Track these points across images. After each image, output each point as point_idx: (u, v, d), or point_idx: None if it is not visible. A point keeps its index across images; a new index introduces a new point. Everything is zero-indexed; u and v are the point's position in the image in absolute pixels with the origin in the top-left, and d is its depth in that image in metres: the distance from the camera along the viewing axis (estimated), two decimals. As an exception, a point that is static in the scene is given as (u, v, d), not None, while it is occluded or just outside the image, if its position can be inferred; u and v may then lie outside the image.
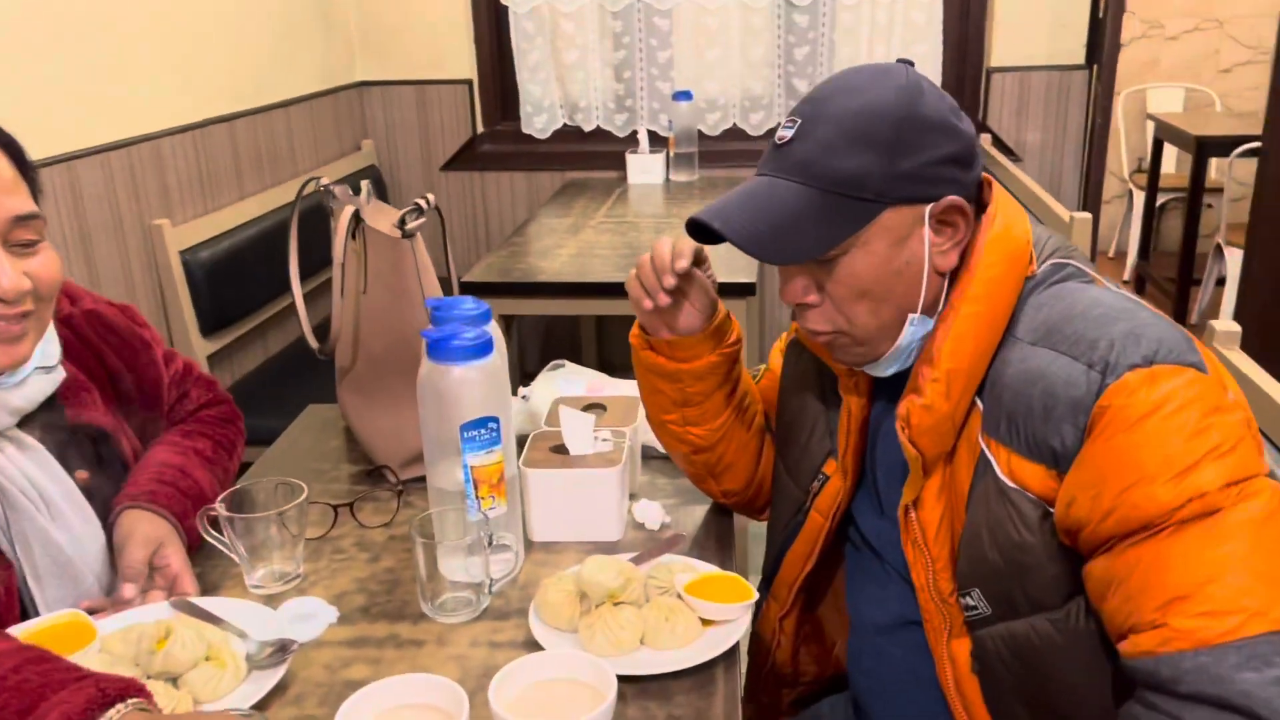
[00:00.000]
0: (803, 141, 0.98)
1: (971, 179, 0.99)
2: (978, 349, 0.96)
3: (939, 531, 1.01)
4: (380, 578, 1.21)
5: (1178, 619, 0.82)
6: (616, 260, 2.49)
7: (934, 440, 0.98)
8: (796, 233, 0.96)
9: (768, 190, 0.99)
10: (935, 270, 0.99)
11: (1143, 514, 0.85)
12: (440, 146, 3.66)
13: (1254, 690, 0.78)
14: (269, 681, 1.00)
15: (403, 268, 1.32)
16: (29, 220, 1.07)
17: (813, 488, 1.16)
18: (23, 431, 1.13)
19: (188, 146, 2.57)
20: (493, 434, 1.13)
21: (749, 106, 3.53)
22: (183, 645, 0.99)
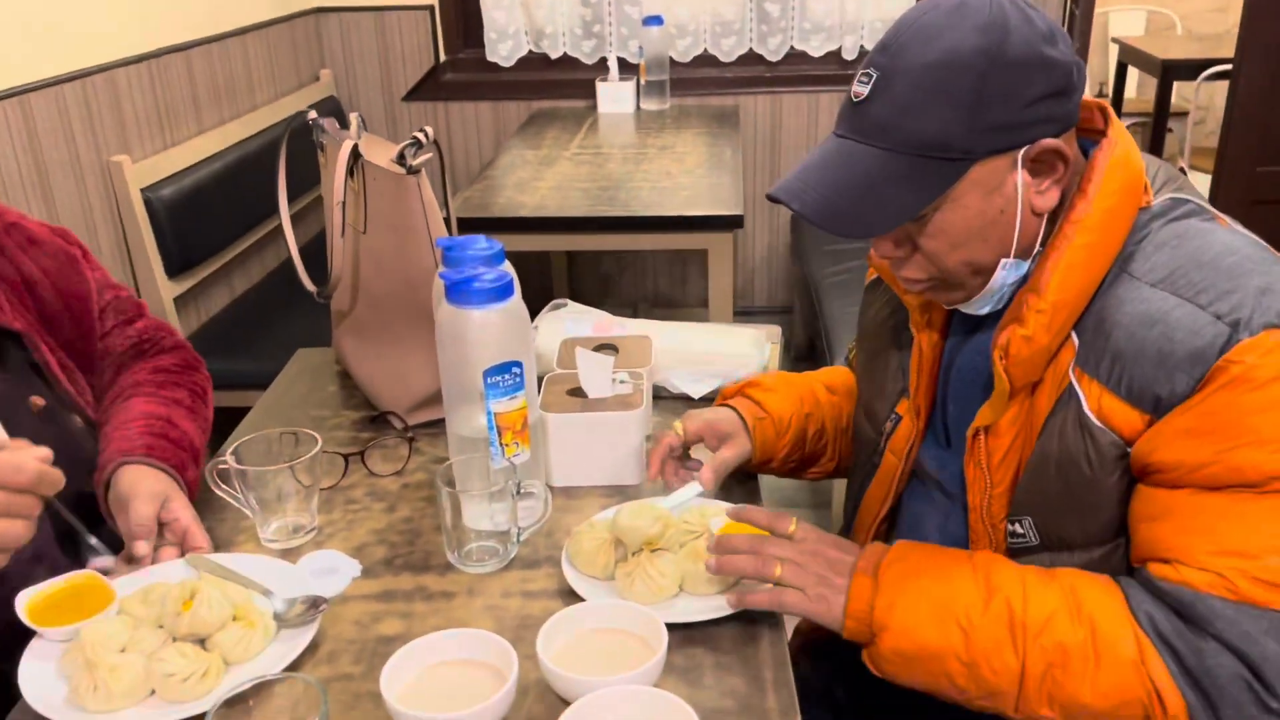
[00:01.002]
0: (879, 100, 0.91)
1: (1070, 107, 0.93)
2: (1087, 281, 0.93)
3: (1005, 457, 0.99)
4: (399, 528, 1.17)
5: (1232, 572, 0.85)
6: (597, 193, 2.43)
7: (1027, 370, 0.95)
8: (879, 203, 0.91)
9: (845, 158, 0.93)
10: (1032, 212, 0.95)
11: (1240, 476, 0.85)
12: (402, 76, 3.54)
13: (1272, 657, 0.83)
14: (302, 640, 0.96)
15: (407, 206, 1.26)
16: None
17: (885, 428, 1.15)
18: None
19: (144, 78, 2.45)
20: (516, 379, 1.09)
21: (720, 32, 3.45)
22: (209, 606, 0.95)
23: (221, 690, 0.89)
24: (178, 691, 0.90)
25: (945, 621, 0.91)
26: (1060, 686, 0.88)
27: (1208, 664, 0.84)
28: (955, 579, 0.93)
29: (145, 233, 2.38)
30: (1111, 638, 0.87)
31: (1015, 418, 0.99)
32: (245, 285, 2.92)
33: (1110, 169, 0.93)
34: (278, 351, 2.05)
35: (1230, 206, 3.38)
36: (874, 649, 0.94)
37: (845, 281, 2.80)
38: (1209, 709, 0.84)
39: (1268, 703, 0.83)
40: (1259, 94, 3.16)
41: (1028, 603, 0.90)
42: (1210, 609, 0.85)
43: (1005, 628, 0.89)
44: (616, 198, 2.39)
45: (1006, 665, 0.89)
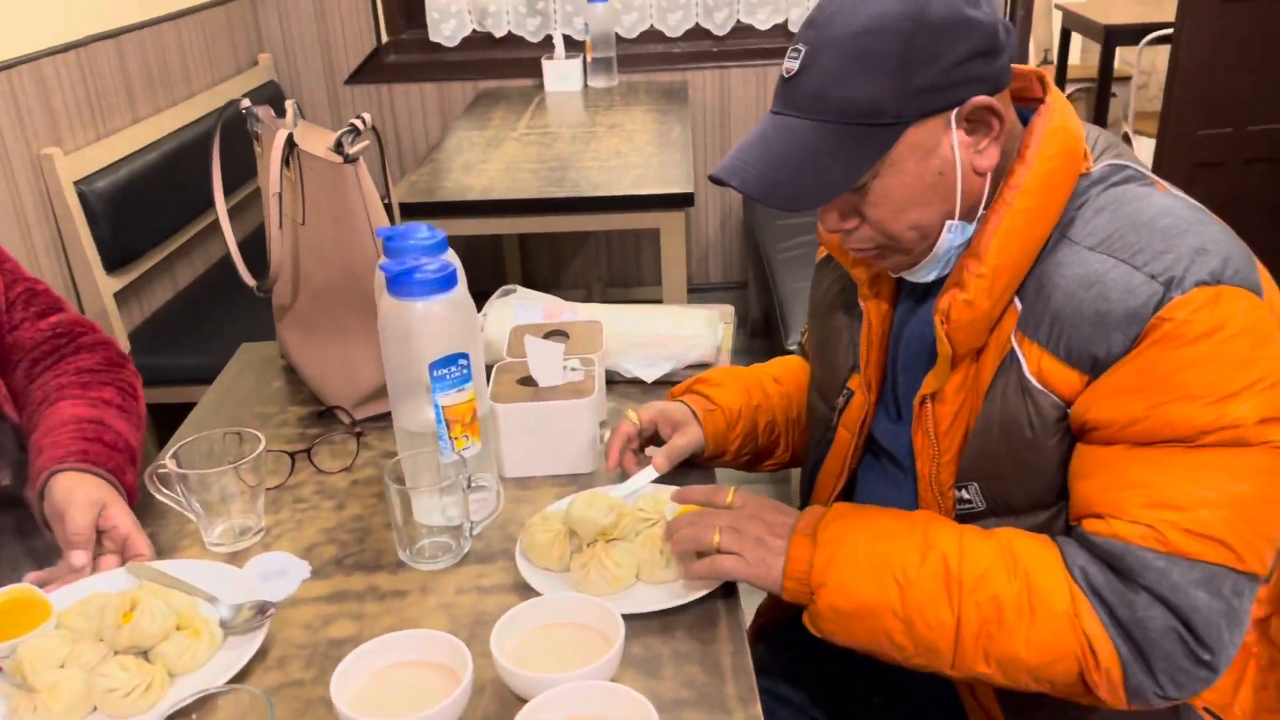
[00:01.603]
0: (809, 73, 0.92)
1: (999, 67, 0.94)
2: (1027, 246, 0.94)
3: (952, 424, 1.00)
4: (349, 526, 1.15)
5: (1162, 524, 0.86)
6: (546, 174, 2.40)
7: (969, 335, 0.96)
8: (817, 175, 0.92)
9: (782, 132, 0.94)
10: (974, 171, 0.95)
11: (1171, 430, 0.86)
12: (343, 59, 3.46)
13: (1202, 609, 0.85)
14: (249, 647, 0.94)
15: (345, 195, 1.23)
16: None
17: (838, 404, 1.15)
18: None
19: (72, 67, 2.37)
20: (464, 371, 1.07)
21: (666, 6, 3.41)
22: (151, 617, 0.92)
23: (166, 704, 0.86)
24: (120, 707, 0.87)
25: (882, 577, 0.91)
26: (995, 640, 0.88)
27: (1139, 615, 0.85)
28: (893, 536, 0.94)
29: (80, 227, 2.31)
30: (1046, 591, 0.88)
31: (961, 384, 0.99)
32: (189, 278, 2.86)
33: (1048, 135, 0.94)
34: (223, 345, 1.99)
35: (1174, 170, 3.42)
36: (812, 608, 0.94)
37: (799, 256, 2.80)
38: (1141, 660, 0.85)
39: (1198, 654, 0.85)
40: (1200, 58, 3.20)
41: (964, 558, 0.90)
42: (1141, 561, 0.86)
43: (941, 583, 0.90)
44: (566, 178, 2.36)
45: (941, 620, 0.89)
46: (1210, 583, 0.85)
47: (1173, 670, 0.85)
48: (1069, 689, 0.89)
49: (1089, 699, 0.89)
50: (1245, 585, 0.86)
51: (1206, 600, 0.84)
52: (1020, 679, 0.90)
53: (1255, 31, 3.16)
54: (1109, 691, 0.87)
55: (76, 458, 1.10)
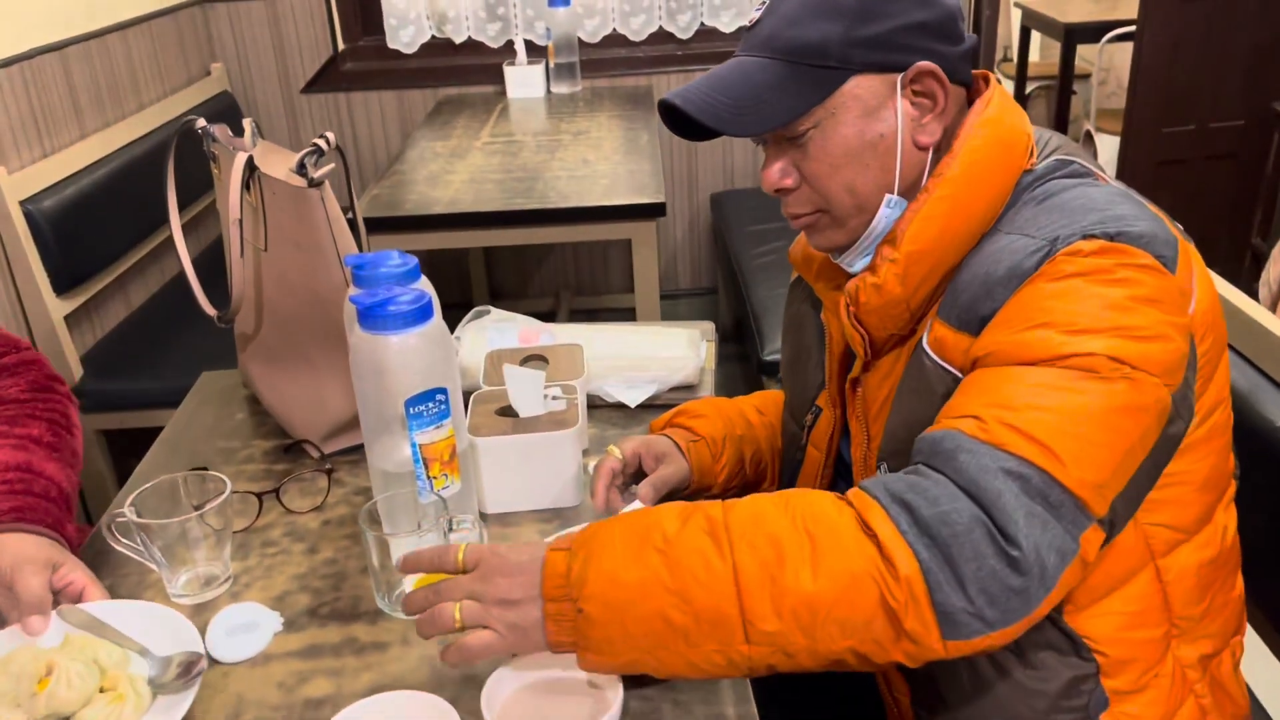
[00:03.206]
0: (768, 19, 0.97)
1: (952, 53, 0.96)
2: (947, 234, 0.93)
3: (880, 410, 0.99)
4: (322, 572, 1.08)
5: (990, 419, 0.81)
6: (513, 185, 2.34)
7: (881, 322, 0.97)
8: (758, 103, 0.94)
9: (732, 68, 0.97)
10: (915, 145, 0.96)
11: (1027, 351, 0.83)
12: (299, 67, 3.38)
13: (1005, 495, 0.77)
14: (179, 709, 0.86)
15: (310, 219, 1.17)
16: None
17: (807, 421, 1.14)
18: None
19: (15, 81, 2.27)
20: (441, 406, 1.01)
21: (629, 11, 3.36)
22: (68, 683, 0.85)
23: None
24: None
25: (643, 552, 0.81)
26: (780, 583, 0.78)
27: (943, 509, 0.77)
28: (651, 515, 0.85)
29: (28, 248, 2.22)
30: (823, 516, 0.81)
31: (888, 372, 0.99)
32: (143, 297, 2.76)
33: (979, 125, 0.95)
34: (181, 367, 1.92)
35: (1138, 167, 3.43)
36: (581, 624, 0.81)
37: (771, 263, 2.76)
38: (946, 565, 0.76)
39: (1005, 549, 0.76)
40: (1162, 55, 3.20)
41: (729, 510, 0.83)
42: (955, 442, 0.81)
43: (706, 535, 0.81)
44: (534, 189, 2.30)
45: (716, 574, 0.79)
46: (1021, 476, 0.78)
47: (981, 574, 0.76)
48: (874, 633, 0.78)
49: (899, 649, 0.78)
50: (1067, 503, 0.78)
51: (1015, 491, 0.77)
52: (826, 635, 0.78)
53: (1216, 28, 3.17)
54: (916, 618, 0.76)
55: (12, 517, 1.02)
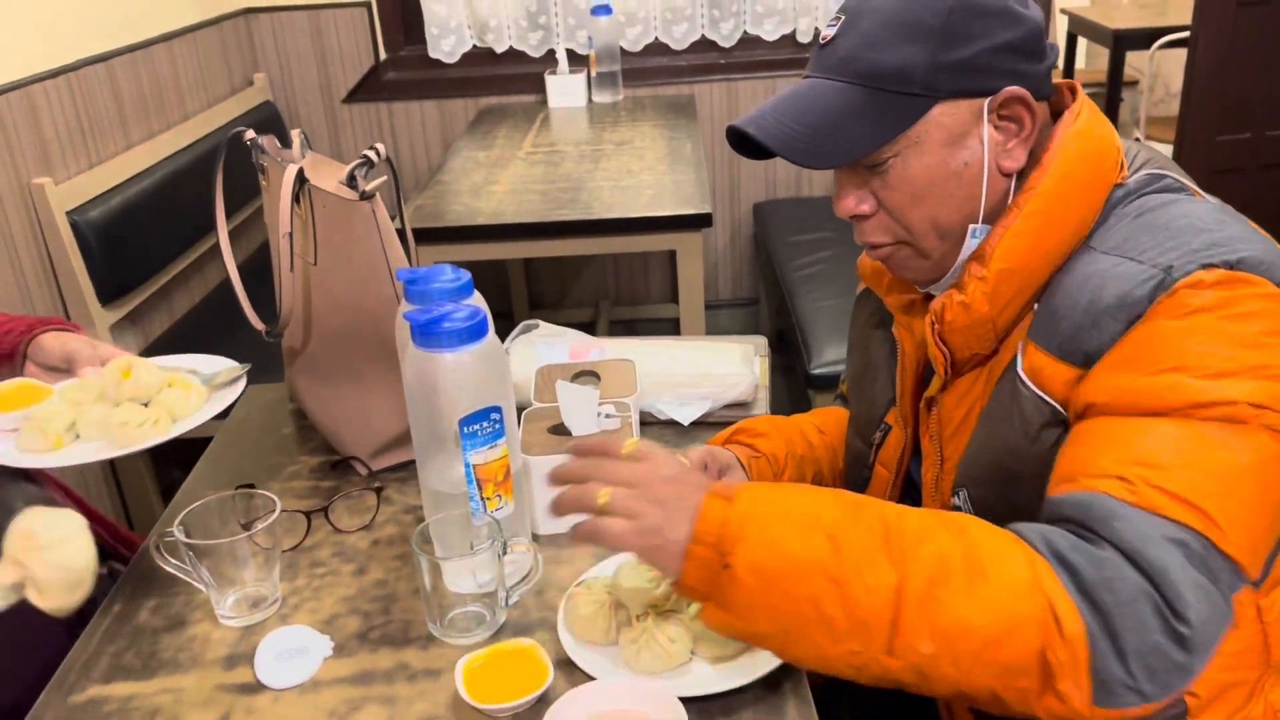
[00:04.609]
0: (845, 38, 0.92)
1: (1037, 71, 0.91)
2: (1038, 251, 0.89)
3: (956, 431, 0.95)
4: (371, 594, 1.06)
5: (1137, 480, 0.76)
6: (556, 195, 2.32)
7: (965, 341, 0.92)
8: (837, 134, 0.89)
9: (808, 91, 0.92)
10: (999, 171, 0.92)
11: (1159, 400, 0.78)
12: (341, 77, 3.38)
13: (1171, 567, 0.73)
14: (230, 397, 1.12)
15: (361, 233, 1.14)
16: None
17: (875, 439, 1.10)
18: None
19: (62, 92, 2.28)
20: (496, 426, 0.99)
21: (671, 19, 3.33)
22: (147, 371, 1.09)
23: (173, 431, 1.05)
24: (133, 436, 1.03)
25: (810, 530, 0.77)
26: (943, 606, 0.73)
27: (1107, 575, 0.73)
28: (820, 494, 0.82)
29: (74, 258, 2.22)
30: (999, 554, 0.76)
31: (966, 391, 0.95)
32: (185, 307, 2.77)
33: (1070, 138, 0.91)
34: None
35: (1192, 176, 3.36)
36: (724, 579, 0.77)
37: (816, 274, 2.72)
38: (1109, 635, 0.72)
39: (1173, 625, 0.72)
40: (1217, 61, 3.13)
41: (903, 517, 0.79)
42: (1107, 509, 0.76)
43: (879, 537, 0.76)
44: (578, 200, 2.28)
45: (882, 580, 0.75)
46: (1182, 544, 0.73)
47: (1145, 649, 0.72)
48: (1024, 682, 0.74)
49: (1041, 704, 0.74)
50: (1225, 569, 0.74)
51: (1180, 561, 0.73)
52: (975, 670, 0.74)
53: (1271, 35, 3.10)
54: (1072, 680, 0.72)
55: (40, 325, 1.22)
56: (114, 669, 0.97)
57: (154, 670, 0.97)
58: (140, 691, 0.94)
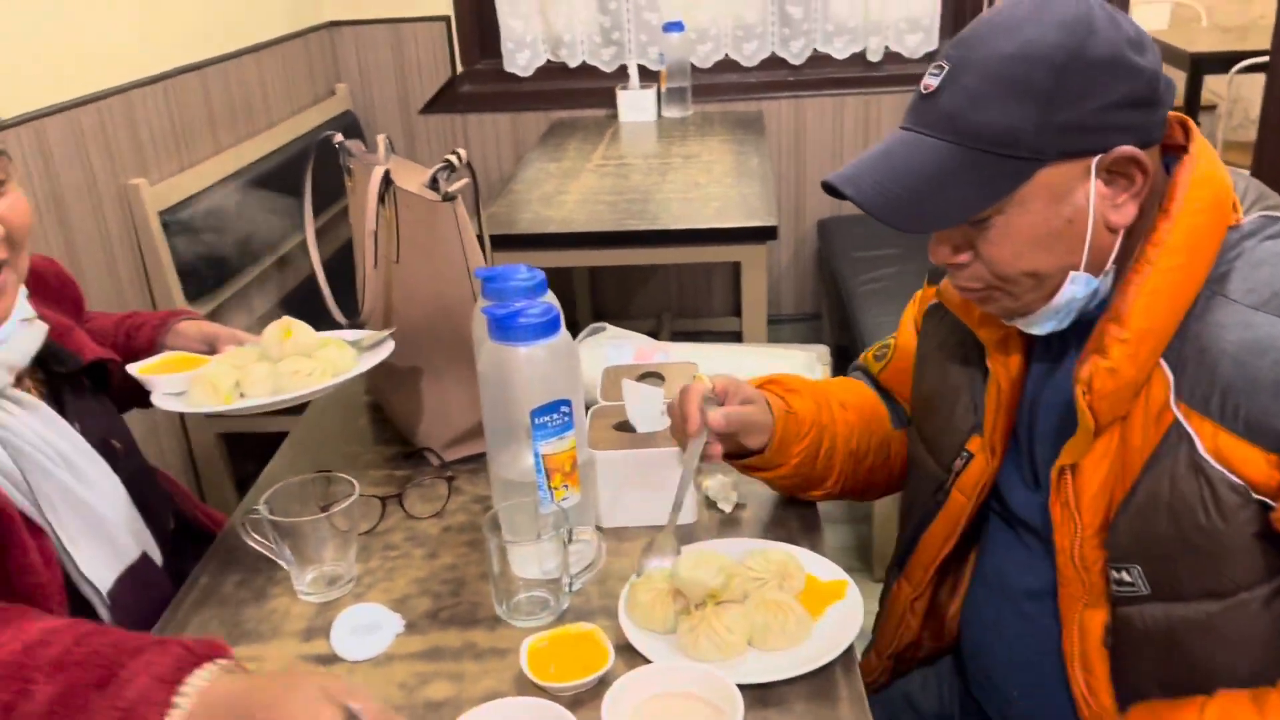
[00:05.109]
0: (948, 91, 0.87)
1: (1153, 121, 0.88)
2: (1175, 306, 0.87)
3: (1096, 498, 0.92)
4: (442, 576, 1.11)
5: None
6: (625, 206, 2.37)
7: (1113, 405, 0.89)
8: (937, 197, 0.86)
9: (907, 148, 0.89)
10: (1106, 226, 0.89)
11: None
12: (418, 88, 3.48)
13: None
14: (379, 356, 1.18)
15: (443, 233, 1.20)
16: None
17: (955, 466, 1.07)
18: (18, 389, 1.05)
19: (158, 99, 2.39)
20: (565, 418, 1.03)
21: (742, 36, 3.38)
22: (305, 331, 1.18)
23: (335, 381, 1.14)
24: (303, 382, 1.13)
25: None
26: None
27: None
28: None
29: (164, 256, 2.32)
30: None
31: (1105, 454, 0.92)
32: (265, 306, 2.87)
33: (1194, 185, 0.88)
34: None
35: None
36: None
37: (879, 290, 2.73)
38: None
39: None
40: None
41: None
42: None
43: None
44: (645, 210, 2.33)
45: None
46: None
47: None
48: None
49: None
50: None
51: None
52: None
53: (1356, 60, 3.03)
54: None
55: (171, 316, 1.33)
56: (200, 636, 1.03)
57: (236, 639, 1.03)
58: (224, 658, 1.00)
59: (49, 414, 1.06)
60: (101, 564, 1.05)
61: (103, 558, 1.05)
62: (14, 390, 1.03)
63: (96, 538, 1.05)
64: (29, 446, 1.01)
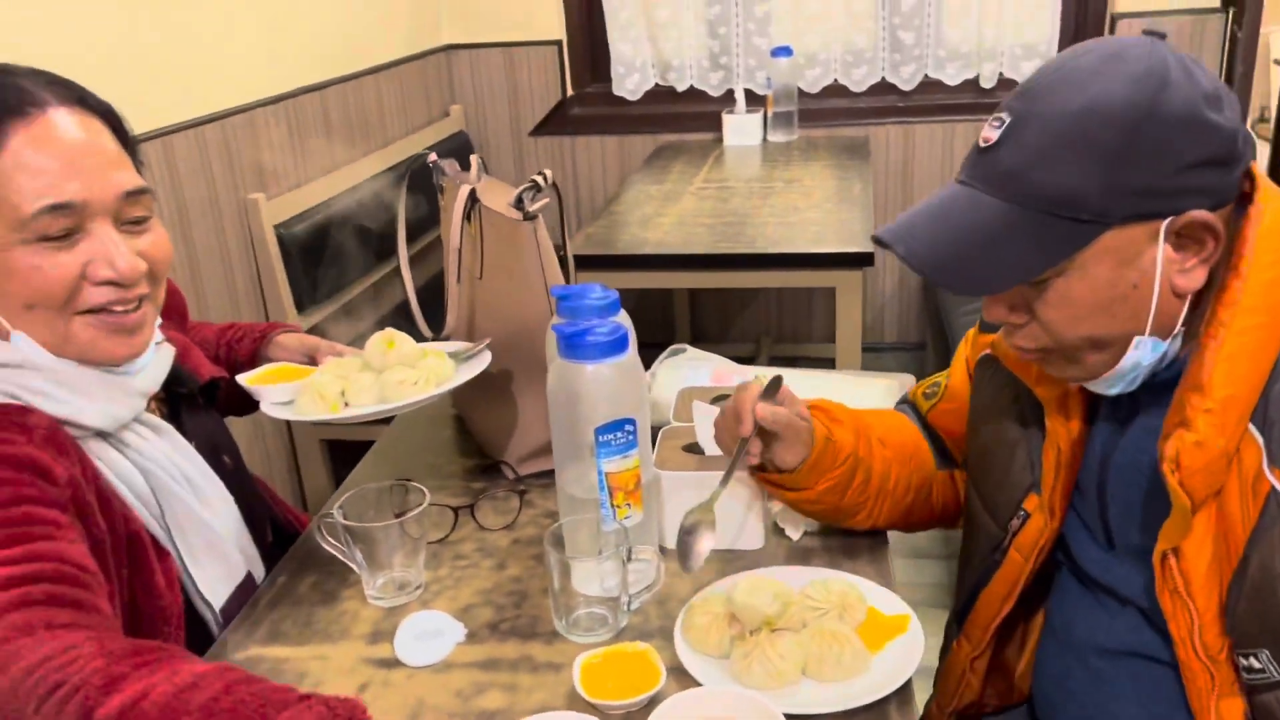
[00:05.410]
0: (1009, 146, 0.83)
1: (1229, 181, 0.83)
2: (1257, 369, 0.82)
3: (1206, 581, 0.86)
4: (507, 588, 1.12)
5: None
6: (721, 229, 2.37)
7: (1206, 480, 0.83)
8: (994, 259, 0.83)
9: (963, 205, 0.86)
10: (1172, 291, 0.84)
11: None
12: (529, 110, 3.56)
13: None
14: (478, 367, 1.22)
15: (523, 251, 1.23)
16: (139, 195, 1.00)
17: (1012, 525, 1.03)
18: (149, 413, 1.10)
19: (280, 117, 2.51)
20: (629, 437, 1.04)
21: (851, 61, 3.35)
22: (407, 343, 1.21)
23: (437, 391, 1.18)
24: (410, 391, 1.16)
25: None
26: None
27: None
28: None
29: (277, 267, 2.43)
30: None
31: (1206, 532, 0.86)
32: (368, 320, 2.96)
33: (1264, 238, 0.83)
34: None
35: None
36: None
37: (982, 321, 2.66)
38: None
39: None
40: None
41: None
42: None
43: None
44: (742, 234, 2.33)
45: None
46: None
47: None
48: None
49: None
50: None
51: None
52: None
53: None
54: None
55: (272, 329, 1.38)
56: (273, 633, 1.07)
57: (307, 638, 1.06)
58: (293, 655, 1.04)
59: (174, 436, 1.10)
60: (218, 582, 1.09)
61: (219, 576, 1.10)
62: (146, 414, 1.08)
63: (214, 556, 1.09)
64: (159, 469, 1.05)
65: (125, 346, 1.01)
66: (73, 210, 0.94)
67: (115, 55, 1.96)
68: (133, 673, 0.77)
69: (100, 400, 1.00)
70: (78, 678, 0.76)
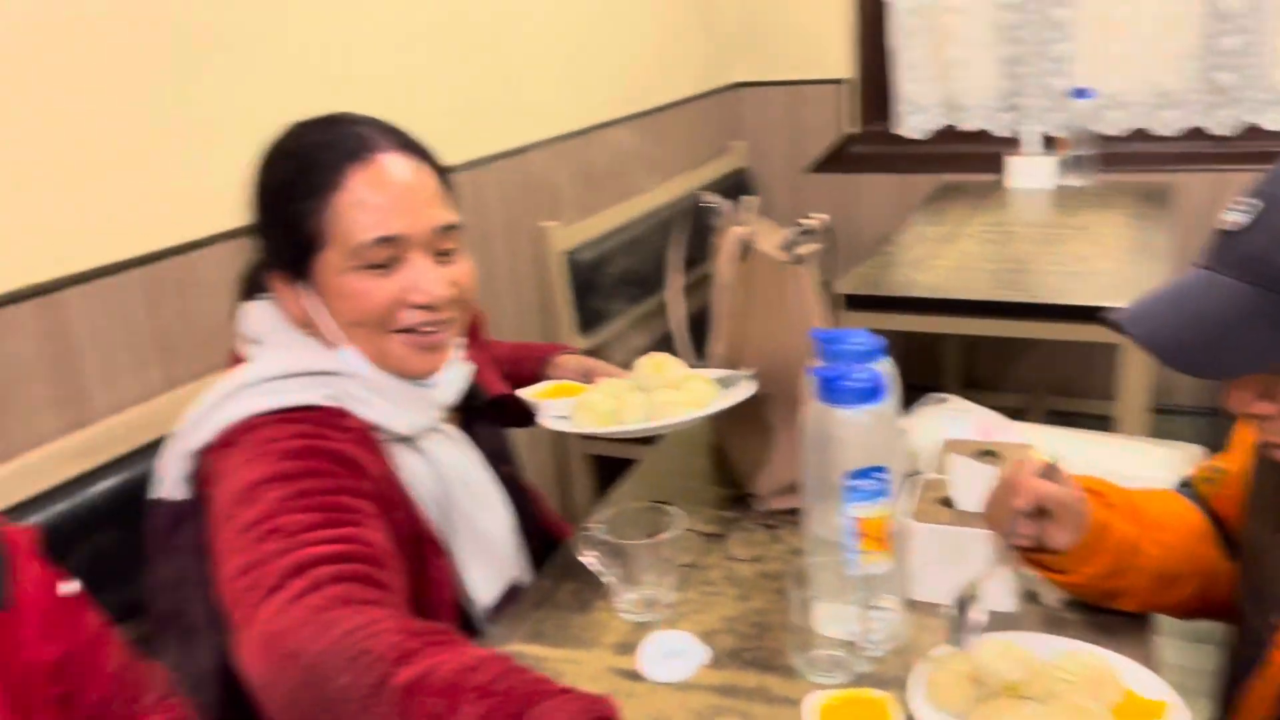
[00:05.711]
0: (1256, 231, 0.81)
1: None
2: None
3: None
4: (750, 619, 1.16)
5: None
6: (1001, 275, 2.30)
7: None
8: (1235, 343, 0.81)
9: (1203, 289, 0.84)
10: None
11: None
12: (808, 147, 3.60)
13: None
14: (742, 394, 1.28)
15: (788, 294, 1.27)
16: (451, 230, 1.13)
17: (1274, 622, 0.96)
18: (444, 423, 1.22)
19: (577, 150, 2.69)
20: (880, 484, 1.05)
21: (1158, 104, 3.14)
22: (675, 366, 1.32)
23: (702, 412, 1.26)
24: (678, 410, 1.25)
25: None
26: None
27: None
28: None
29: (560, 291, 2.60)
30: None
31: None
32: (641, 344, 3.10)
33: None
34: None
35: None
36: None
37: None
38: None
39: None
40: None
41: None
42: None
43: None
44: (1020, 281, 2.25)
45: None
46: None
47: None
48: None
49: None
50: None
51: None
52: None
53: None
54: None
55: (552, 350, 1.53)
56: (534, 633, 1.17)
57: (562, 641, 1.15)
58: (549, 656, 1.12)
59: (467, 445, 1.24)
60: (487, 584, 1.21)
61: (489, 578, 1.22)
62: (444, 424, 1.21)
63: (486, 560, 1.21)
64: (452, 475, 1.19)
65: (428, 363, 1.15)
66: (396, 242, 1.08)
67: (433, 95, 2.19)
68: (424, 649, 0.87)
69: (406, 408, 1.14)
70: (379, 649, 0.86)
